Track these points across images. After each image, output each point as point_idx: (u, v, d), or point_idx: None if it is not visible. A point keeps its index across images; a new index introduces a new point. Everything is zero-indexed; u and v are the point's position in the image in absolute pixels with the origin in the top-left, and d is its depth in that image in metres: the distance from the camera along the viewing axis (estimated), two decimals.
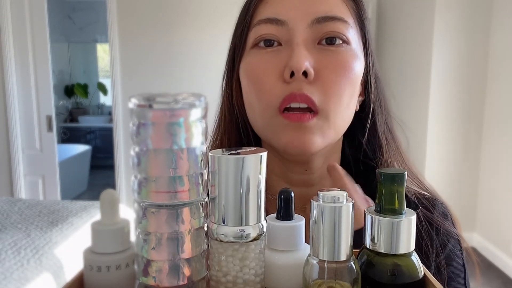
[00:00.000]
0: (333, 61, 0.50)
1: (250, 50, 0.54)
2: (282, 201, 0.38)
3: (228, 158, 0.33)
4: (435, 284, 0.35)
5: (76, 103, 6.09)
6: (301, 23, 0.50)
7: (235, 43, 0.56)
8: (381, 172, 0.36)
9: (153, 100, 0.31)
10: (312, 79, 0.49)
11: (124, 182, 3.39)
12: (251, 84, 0.53)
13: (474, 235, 3.36)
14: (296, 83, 0.49)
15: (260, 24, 0.52)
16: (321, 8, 0.50)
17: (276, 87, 0.50)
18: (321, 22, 0.50)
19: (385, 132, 0.59)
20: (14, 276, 1.47)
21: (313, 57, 0.50)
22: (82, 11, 5.68)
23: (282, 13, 0.51)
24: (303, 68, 0.48)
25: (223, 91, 0.60)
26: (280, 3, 0.52)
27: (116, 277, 0.36)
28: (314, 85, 0.50)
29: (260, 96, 0.52)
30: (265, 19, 0.52)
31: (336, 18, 0.51)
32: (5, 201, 2.21)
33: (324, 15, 0.50)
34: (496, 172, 3.11)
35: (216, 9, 3.18)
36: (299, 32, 0.50)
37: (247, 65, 0.54)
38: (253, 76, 0.53)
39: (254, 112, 0.54)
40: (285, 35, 0.51)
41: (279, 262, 0.37)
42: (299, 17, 0.50)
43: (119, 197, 0.39)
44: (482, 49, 3.16)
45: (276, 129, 0.52)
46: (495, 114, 3.11)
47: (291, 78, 0.49)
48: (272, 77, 0.51)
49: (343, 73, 0.51)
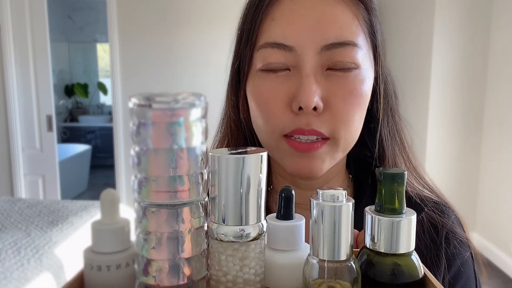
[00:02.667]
0: (342, 88, 0.50)
1: (257, 72, 0.52)
2: (282, 200, 0.38)
3: (228, 157, 0.33)
4: (435, 284, 0.35)
5: (76, 102, 6.09)
6: (310, 50, 0.49)
7: (240, 59, 0.55)
8: (381, 172, 0.36)
9: (153, 100, 0.31)
10: (321, 111, 0.49)
11: (124, 181, 3.40)
12: (259, 110, 0.52)
13: (474, 235, 3.36)
14: (305, 117, 0.49)
15: (267, 48, 0.50)
16: (330, 32, 0.48)
17: (284, 116, 0.50)
18: (330, 48, 0.49)
19: (390, 133, 0.59)
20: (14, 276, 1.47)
21: (322, 85, 0.49)
22: (82, 11, 5.68)
23: (290, 38, 0.49)
24: (313, 105, 0.48)
25: (228, 100, 0.60)
26: (288, 24, 0.49)
27: (116, 277, 0.36)
28: (323, 116, 0.49)
29: (267, 123, 0.52)
30: (271, 43, 0.50)
31: (346, 43, 0.49)
32: (5, 201, 2.21)
33: (334, 41, 0.48)
34: (496, 172, 3.11)
35: (216, 9, 3.18)
36: (308, 60, 0.49)
37: (255, 88, 0.53)
38: (261, 101, 0.52)
39: (261, 134, 0.55)
40: (293, 61, 0.50)
41: (279, 262, 0.37)
42: (308, 43, 0.48)
43: (119, 197, 0.39)
44: (482, 49, 3.16)
45: (282, 154, 0.52)
46: (495, 114, 3.11)
47: (299, 110, 0.49)
48: (280, 105, 0.50)
49: (352, 100, 0.50)
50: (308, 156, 0.50)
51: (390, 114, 0.59)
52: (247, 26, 0.53)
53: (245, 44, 0.53)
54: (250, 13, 0.53)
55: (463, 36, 3.15)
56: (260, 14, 0.51)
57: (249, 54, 0.53)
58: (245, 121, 0.58)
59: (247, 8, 0.55)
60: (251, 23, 0.52)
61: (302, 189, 0.58)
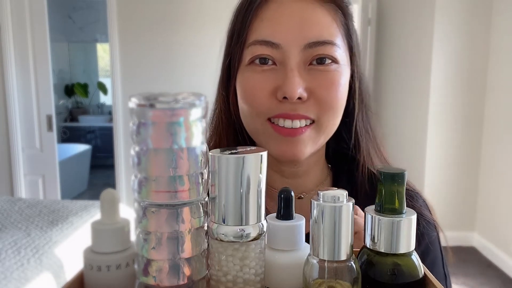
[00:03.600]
0: (323, 80, 0.55)
1: (247, 66, 0.58)
2: (282, 200, 0.38)
3: (228, 157, 0.33)
4: (435, 284, 0.35)
5: (76, 102, 6.09)
6: (294, 47, 0.54)
7: (230, 56, 0.60)
8: (381, 172, 0.36)
9: (153, 100, 0.31)
10: (305, 99, 0.55)
11: (124, 181, 3.39)
12: (246, 96, 0.58)
13: (474, 235, 3.36)
14: (290, 104, 0.54)
15: (255, 45, 0.56)
16: (312, 33, 0.55)
17: (268, 102, 0.55)
18: (312, 46, 0.55)
19: (364, 127, 0.65)
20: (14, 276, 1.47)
21: (305, 78, 0.55)
22: (82, 11, 5.67)
23: (276, 36, 0.55)
24: (297, 96, 0.53)
25: (219, 95, 0.65)
26: (275, 24, 0.55)
27: (116, 277, 0.36)
28: (308, 103, 0.55)
29: (252, 106, 0.57)
30: (260, 41, 0.56)
31: (326, 42, 0.55)
32: (5, 201, 2.21)
33: (315, 40, 0.55)
34: (496, 172, 3.11)
35: (216, 9, 3.18)
36: (292, 55, 0.55)
37: (243, 80, 0.58)
38: (248, 91, 0.57)
39: (246, 119, 0.59)
40: (280, 57, 0.55)
41: (279, 262, 0.37)
42: (293, 42, 0.54)
43: (119, 197, 0.39)
44: (482, 49, 3.16)
45: (267, 138, 0.57)
46: (495, 114, 3.11)
47: (283, 99, 0.54)
48: (266, 91, 0.56)
49: (334, 90, 0.56)
50: (292, 140, 0.55)
51: (364, 110, 0.65)
52: (238, 26, 0.59)
53: (236, 42, 0.59)
54: (241, 14, 0.59)
55: (463, 36, 3.15)
56: (250, 15, 0.57)
57: (239, 51, 0.58)
58: (235, 114, 0.63)
59: (238, 9, 0.60)
60: (242, 23, 0.58)
61: (286, 177, 0.64)
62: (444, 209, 3.31)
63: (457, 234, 3.34)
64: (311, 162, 0.63)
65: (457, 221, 3.36)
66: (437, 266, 0.62)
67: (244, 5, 0.59)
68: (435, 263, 0.62)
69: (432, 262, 0.62)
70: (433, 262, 0.62)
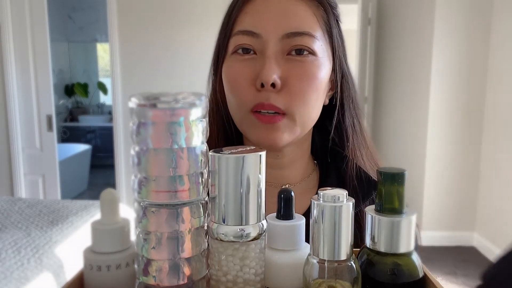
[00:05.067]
0: (299, 70, 0.58)
1: (231, 55, 0.61)
2: (282, 200, 0.38)
3: (228, 157, 0.33)
4: (435, 284, 0.35)
5: (76, 102, 6.08)
6: (273, 37, 0.57)
7: (219, 47, 0.64)
8: (381, 172, 0.36)
9: (154, 100, 0.31)
10: (279, 88, 0.57)
11: (124, 181, 3.39)
12: (229, 86, 0.61)
13: (474, 234, 3.36)
14: (265, 93, 0.57)
15: (239, 35, 0.60)
16: (291, 24, 0.57)
17: (249, 93, 0.58)
18: (290, 37, 0.57)
19: (352, 122, 0.67)
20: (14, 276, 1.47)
21: (281, 67, 0.57)
22: (82, 11, 5.67)
23: (257, 27, 0.58)
24: (271, 81, 0.56)
25: (209, 85, 0.69)
26: (257, 16, 0.59)
27: (116, 277, 0.36)
28: (281, 93, 0.57)
29: (236, 97, 0.60)
30: (243, 31, 0.59)
31: (304, 33, 0.58)
32: (5, 200, 2.21)
33: (294, 31, 0.57)
34: (496, 172, 3.11)
35: (216, 8, 3.18)
36: (271, 45, 0.57)
37: (227, 69, 0.62)
38: (231, 79, 0.61)
39: (232, 109, 0.63)
40: (259, 46, 0.58)
41: (279, 262, 0.37)
42: (272, 32, 0.57)
43: (119, 197, 0.39)
44: (482, 49, 3.16)
45: (249, 126, 0.60)
46: (495, 113, 3.11)
47: (261, 87, 0.57)
48: (246, 82, 0.58)
49: (307, 81, 0.58)
50: (271, 127, 0.58)
51: (352, 106, 0.67)
52: (226, 20, 0.63)
53: (223, 34, 0.63)
54: (229, 10, 0.63)
55: (463, 36, 3.15)
56: (237, 9, 0.61)
57: (225, 41, 0.62)
58: (221, 100, 0.66)
59: (229, 6, 0.64)
60: (229, 17, 0.62)
61: (269, 168, 0.65)
62: (444, 209, 3.32)
63: (457, 234, 3.34)
64: (295, 155, 0.66)
65: (457, 221, 3.36)
66: None
67: (234, 2, 0.63)
68: None
69: None
70: None
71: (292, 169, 0.67)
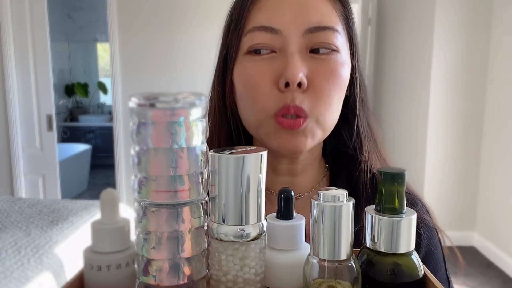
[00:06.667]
0: (323, 69, 0.54)
1: (245, 55, 0.56)
2: (282, 200, 0.38)
3: (228, 157, 0.33)
4: (435, 284, 0.35)
5: (76, 102, 6.08)
6: (295, 32, 0.53)
7: (227, 46, 0.58)
8: (381, 172, 0.36)
9: (154, 99, 0.31)
10: (305, 88, 0.53)
11: (124, 181, 3.39)
12: (247, 90, 0.55)
13: (474, 234, 3.36)
14: (290, 94, 0.52)
15: (254, 31, 0.54)
16: (313, 18, 0.53)
17: (271, 95, 0.53)
18: (313, 32, 0.53)
19: (365, 126, 0.63)
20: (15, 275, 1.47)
21: (306, 65, 0.53)
22: (82, 10, 5.67)
23: (276, 22, 0.53)
24: (298, 79, 0.51)
25: (214, 90, 0.63)
26: (273, 10, 0.54)
27: (116, 277, 0.36)
28: (306, 93, 0.53)
29: (256, 101, 0.54)
30: (259, 27, 0.54)
31: (327, 28, 0.53)
32: (5, 200, 2.21)
33: (317, 25, 0.53)
34: (496, 171, 3.11)
35: (216, 8, 3.17)
36: (293, 41, 0.53)
37: (242, 71, 0.56)
38: (249, 82, 0.55)
39: (248, 114, 0.57)
40: (279, 43, 0.53)
41: (279, 261, 0.37)
42: (293, 27, 0.53)
43: (119, 196, 0.39)
44: (482, 49, 3.16)
45: (269, 132, 0.55)
46: (495, 114, 3.11)
47: (285, 87, 0.52)
48: (267, 84, 0.53)
49: (333, 81, 0.54)
50: (292, 133, 0.54)
51: (365, 108, 0.63)
52: (235, 16, 0.57)
53: (233, 32, 0.57)
54: (238, 4, 0.57)
55: (463, 36, 3.15)
56: (248, 4, 0.55)
57: (236, 40, 0.56)
58: (231, 109, 0.61)
59: (235, 1, 0.59)
60: (240, 13, 0.56)
61: (282, 175, 0.62)
62: (444, 209, 3.32)
63: (457, 234, 3.34)
64: (308, 160, 0.62)
65: (457, 221, 3.36)
66: (440, 270, 0.62)
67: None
68: (438, 267, 0.61)
69: (435, 266, 0.61)
70: (436, 266, 0.61)
71: (304, 176, 0.63)
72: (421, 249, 0.60)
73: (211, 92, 0.63)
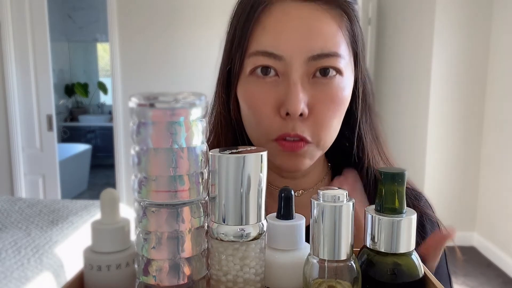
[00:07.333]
0: (325, 96, 0.55)
1: (248, 76, 0.56)
2: (282, 200, 0.38)
3: (228, 157, 0.33)
4: (435, 283, 0.35)
5: (77, 102, 6.08)
6: (298, 59, 0.53)
7: (231, 65, 0.59)
8: (381, 172, 0.36)
9: (154, 99, 0.31)
10: (306, 117, 0.54)
11: (124, 181, 3.39)
12: (251, 112, 0.57)
13: (474, 234, 3.36)
14: (291, 122, 0.54)
15: (257, 56, 0.54)
16: (316, 44, 0.53)
17: (273, 122, 0.55)
18: (316, 59, 0.53)
19: (368, 128, 0.64)
20: (15, 275, 1.47)
21: (307, 92, 0.54)
22: (82, 10, 5.67)
23: (279, 48, 0.53)
24: (299, 112, 0.53)
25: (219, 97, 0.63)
26: (277, 34, 0.53)
27: (116, 276, 0.36)
28: (307, 121, 0.54)
29: (258, 125, 0.56)
30: (262, 52, 0.54)
31: (330, 54, 0.54)
32: (5, 200, 2.21)
33: (320, 53, 0.53)
34: (496, 171, 3.11)
35: (216, 8, 3.18)
36: (296, 68, 0.53)
37: (246, 92, 0.57)
38: (252, 105, 0.56)
39: (252, 133, 0.59)
40: (282, 68, 0.54)
41: (279, 261, 0.37)
42: (296, 54, 0.53)
43: (119, 196, 0.39)
44: (482, 48, 3.16)
45: (271, 153, 0.56)
46: (495, 113, 3.11)
47: (287, 115, 0.54)
48: (270, 110, 0.55)
49: (334, 107, 0.55)
50: (293, 154, 0.56)
51: (368, 112, 0.64)
52: (239, 33, 0.56)
53: (236, 50, 0.57)
54: (242, 19, 0.56)
55: (463, 36, 3.15)
56: (252, 22, 0.55)
57: (240, 59, 0.56)
58: (235, 119, 0.62)
59: (238, 13, 0.58)
60: (242, 30, 0.56)
61: (285, 178, 0.64)
62: (444, 209, 3.31)
63: (457, 234, 3.32)
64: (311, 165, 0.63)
65: (457, 221, 3.35)
66: (441, 266, 0.62)
67: (245, 10, 0.56)
68: (440, 264, 0.62)
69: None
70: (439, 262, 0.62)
71: (307, 177, 0.64)
72: None
73: (215, 98, 0.64)
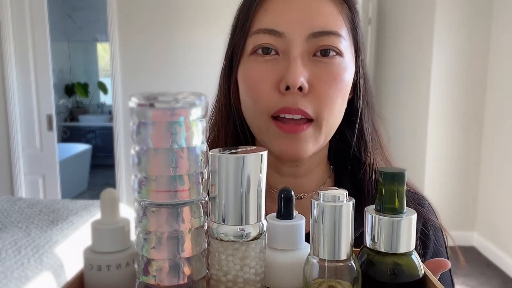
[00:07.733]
0: (326, 73, 0.54)
1: (249, 56, 0.56)
2: (282, 200, 0.38)
3: (228, 157, 0.33)
4: (435, 283, 0.35)
5: (77, 102, 6.08)
6: (299, 36, 0.53)
7: (233, 46, 0.59)
8: (381, 171, 0.36)
9: (154, 99, 0.31)
10: (306, 92, 0.53)
11: (125, 181, 3.39)
12: (249, 90, 0.56)
13: (474, 234, 3.36)
14: (291, 97, 0.53)
15: (259, 34, 0.55)
16: (317, 22, 0.53)
17: (272, 97, 0.54)
18: (317, 36, 0.53)
19: (370, 128, 0.63)
20: (15, 275, 1.47)
21: (308, 69, 0.53)
22: (82, 10, 5.67)
23: (281, 25, 0.53)
24: (299, 84, 0.52)
25: (221, 88, 0.63)
26: (279, 13, 0.54)
27: (116, 276, 0.36)
28: (308, 97, 0.53)
29: (256, 103, 0.55)
30: (264, 29, 0.54)
31: (331, 32, 0.54)
32: (5, 200, 2.21)
33: (320, 30, 0.53)
34: (496, 171, 3.11)
35: (216, 9, 3.18)
36: (296, 45, 0.53)
37: (246, 71, 0.57)
38: (251, 83, 0.56)
39: (250, 116, 0.58)
40: (283, 46, 0.54)
41: (279, 261, 0.37)
42: (297, 31, 0.53)
43: (119, 196, 0.39)
44: (482, 48, 3.16)
45: (270, 136, 0.56)
46: (495, 114, 3.11)
47: (286, 91, 0.53)
48: (268, 86, 0.54)
49: (335, 85, 0.54)
50: (294, 138, 0.54)
51: (370, 110, 0.63)
52: (242, 16, 0.58)
53: (239, 32, 0.58)
54: (246, 5, 0.58)
55: (463, 36, 3.15)
56: (255, 5, 0.56)
57: (242, 40, 0.57)
58: (235, 106, 0.61)
59: (243, 2, 0.59)
60: (246, 13, 0.57)
61: (285, 176, 0.62)
62: (444, 209, 3.31)
63: (457, 234, 3.33)
64: (313, 162, 0.62)
65: (457, 221, 3.36)
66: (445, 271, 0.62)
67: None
68: None
69: None
70: None
71: (308, 178, 0.63)
72: (428, 250, 0.60)
73: (218, 89, 0.64)
